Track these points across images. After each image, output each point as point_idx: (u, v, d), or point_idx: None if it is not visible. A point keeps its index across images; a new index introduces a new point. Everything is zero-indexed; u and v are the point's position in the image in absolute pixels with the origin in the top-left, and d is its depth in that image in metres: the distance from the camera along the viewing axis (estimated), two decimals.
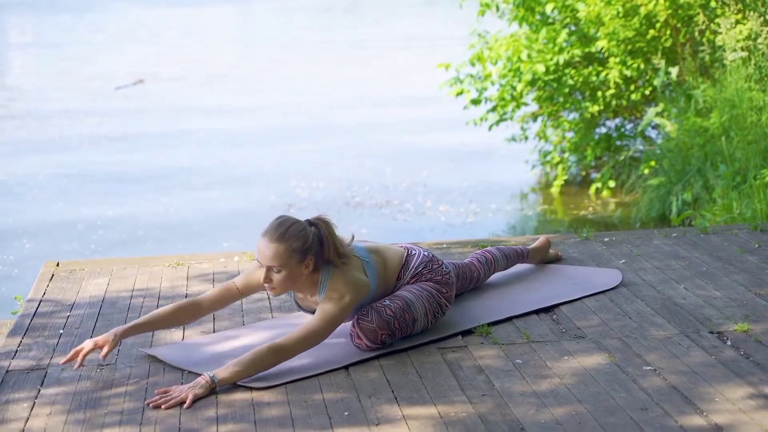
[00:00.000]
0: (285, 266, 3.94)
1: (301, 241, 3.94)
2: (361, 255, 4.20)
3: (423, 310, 4.19)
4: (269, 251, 3.93)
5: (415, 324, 4.17)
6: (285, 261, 3.93)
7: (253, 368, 3.81)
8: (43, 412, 3.61)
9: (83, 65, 21.43)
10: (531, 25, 10.97)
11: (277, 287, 3.99)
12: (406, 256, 4.34)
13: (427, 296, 4.24)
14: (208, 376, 3.73)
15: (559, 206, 10.52)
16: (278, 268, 3.94)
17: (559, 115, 11.26)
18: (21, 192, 11.20)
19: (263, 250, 3.94)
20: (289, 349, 3.88)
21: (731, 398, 3.60)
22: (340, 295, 3.99)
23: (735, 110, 8.62)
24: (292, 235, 3.93)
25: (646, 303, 4.63)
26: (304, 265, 3.97)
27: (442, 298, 4.29)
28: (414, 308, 4.16)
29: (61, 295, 4.95)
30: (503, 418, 3.49)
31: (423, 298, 4.21)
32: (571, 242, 5.70)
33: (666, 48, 10.32)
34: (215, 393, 3.72)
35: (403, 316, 4.11)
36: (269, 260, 3.94)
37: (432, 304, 4.24)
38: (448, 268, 4.39)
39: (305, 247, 3.95)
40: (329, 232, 4.04)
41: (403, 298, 4.17)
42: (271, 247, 3.93)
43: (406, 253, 4.36)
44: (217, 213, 10.30)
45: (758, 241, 5.60)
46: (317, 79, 19.32)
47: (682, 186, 9.01)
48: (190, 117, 15.74)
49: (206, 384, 3.71)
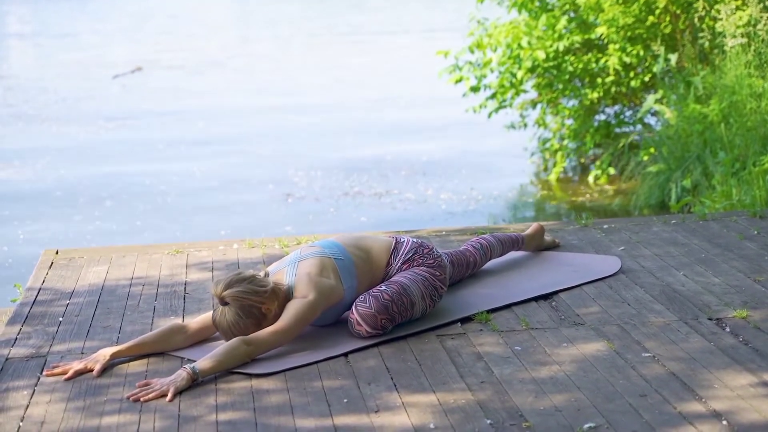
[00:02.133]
0: (254, 327, 3.96)
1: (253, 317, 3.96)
2: (334, 254, 4.22)
3: (419, 294, 4.20)
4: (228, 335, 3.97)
5: (414, 307, 4.18)
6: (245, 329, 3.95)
7: (230, 360, 3.81)
8: (42, 400, 3.61)
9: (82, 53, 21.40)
10: (530, 12, 10.95)
11: None
12: (394, 243, 4.39)
13: (422, 280, 4.26)
14: (189, 368, 3.71)
15: (558, 193, 10.52)
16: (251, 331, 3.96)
17: (558, 102, 11.24)
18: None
19: None
20: (258, 344, 3.89)
21: (730, 385, 3.60)
22: (303, 294, 4.05)
23: (734, 97, 8.61)
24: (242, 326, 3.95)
25: (645, 290, 4.63)
26: (264, 314, 4.00)
27: (436, 281, 4.31)
28: (410, 292, 4.17)
29: (61, 283, 4.95)
30: (502, 405, 3.49)
31: (418, 282, 4.24)
32: (570, 229, 5.70)
33: (665, 35, 10.30)
34: (197, 383, 3.69)
35: (400, 300, 4.12)
36: None
37: (428, 288, 4.26)
38: (438, 252, 4.43)
39: (259, 320, 3.97)
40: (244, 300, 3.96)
41: (398, 283, 4.19)
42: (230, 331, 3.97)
43: (394, 241, 4.41)
44: (215, 201, 10.29)
45: (757, 228, 5.60)
46: (315, 68, 19.30)
47: (682, 173, 9.01)
48: (188, 105, 15.73)
49: (188, 376, 3.69)
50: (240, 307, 3.95)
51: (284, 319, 3.98)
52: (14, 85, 17.78)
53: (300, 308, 4.01)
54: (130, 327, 4.32)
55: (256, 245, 5.52)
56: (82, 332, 4.28)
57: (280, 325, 3.96)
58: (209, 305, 4.59)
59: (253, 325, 3.97)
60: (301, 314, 4.00)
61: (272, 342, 3.94)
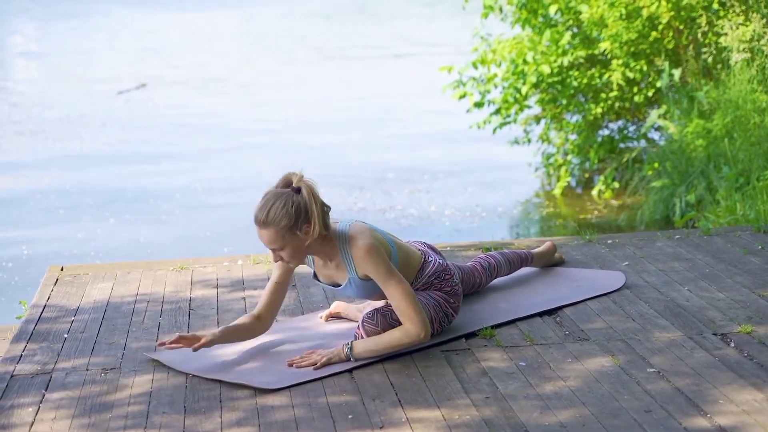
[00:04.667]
0: (284, 244, 3.98)
1: (287, 219, 3.94)
2: (388, 240, 4.19)
3: (429, 318, 4.18)
4: (263, 238, 3.99)
5: None
6: (281, 241, 3.97)
7: (388, 349, 4.00)
8: (47, 417, 3.62)
9: (86, 70, 21.45)
10: (534, 28, 10.97)
11: (291, 261, 4.06)
12: (422, 262, 4.30)
13: (434, 305, 4.23)
14: (347, 348, 3.96)
15: (563, 209, 10.52)
16: (280, 247, 3.99)
17: (562, 117, 11.25)
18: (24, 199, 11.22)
19: (259, 236, 4.00)
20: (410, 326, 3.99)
21: (735, 400, 3.60)
22: (359, 238, 4.03)
23: (738, 112, 8.62)
24: (275, 216, 3.94)
25: (649, 305, 4.63)
26: (303, 232, 3.98)
27: (449, 308, 4.28)
28: None
29: (66, 299, 4.96)
30: (507, 421, 3.49)
31: (430, 306, 4.20)
32: (574, 244, 5.70)
33: (669, 50, 10.32)
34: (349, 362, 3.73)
35: None
36: (268, 244, 4.00)
37: (438, 313, 4.23)
38: (457, 280, 4.37)
39: (292, 223, 3.95)
40: (312, 194, 4.01)
41: None
42: (262, 233, 3.98)
43: (423, 259, 4.31)
44: (219, 217, 10.29)
45: (761, 243, 5.60)
46: (318, 84, 19.32)
47: (686, 188, 9.01)
48: (191, 120, 15.74)
49: (340, 354, 3.97)
50: (301, 201, 3.96)
51: (381, 278, 4.00)
52: (19, 102, 17.81)
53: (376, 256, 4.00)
54: (135, 344, 4.33)
55: (260, 261, 5.53)
56: (87, 349, 4.28)
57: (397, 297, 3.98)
58: (214, 321, 4.60)
59: (286, 232, 3.94)
60: (381, 256, 4.00)
61: (417, 314, 3.98)
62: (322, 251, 4.11)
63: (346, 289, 4.18)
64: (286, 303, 4.80)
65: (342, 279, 4.16)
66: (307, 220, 3.97)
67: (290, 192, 4.01)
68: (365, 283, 4.11)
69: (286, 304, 4.79)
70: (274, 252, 4.02)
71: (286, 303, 4.80)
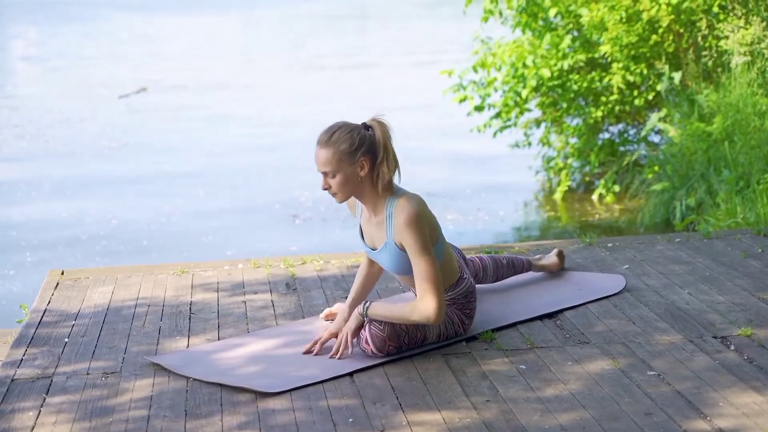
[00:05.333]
0: (337, 169, 4.03)
1: (348, 143, 4.01)
2: (440, 232, 4.17)
3: (437, 333, 4.18)
4: (321, 157, 4.04)
5: (424, 342, 4.16)
6: (336, 165, 4.02)
7: (399, 320, 4.02)
8: (48, 421, 3.62)
9: (86, 74, 21.46)
10: (534, 31, 10.98)
11: (338, 192, 4.08)
12: (458, 278, 4.26)
13: (447, 323, 4.21)
14: (360, 309, 4.03)
15: (563, 212, 10.52)
16: (332, 172, 4.04)
17: (563, 120, 11.26)
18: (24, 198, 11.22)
19: (316, 157, 4.06)
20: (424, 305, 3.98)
21: (735, 403, 3.60)
22: (406, 201, 4.02)
23: (738, 115, 8.63)
24: (338, 139, 4.02)
25: (649, 308, 4.63)
26: (358, 166, 4.03)
27: (460, 328, 4.27)
28: (428, 328, 4.14)
29: (66, 303, 4.96)
30: (507, 424, 3.49)
31: (442, 324, 4.19)
32: (574, 248, 5.70)
33: (669, 53, 10.33)
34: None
35: (415, 333, 4.11)
36: (321, 166, 4.05)
37: (448, 329, 4.22)
38: (476, 304, 4.34)
39: (353, 148, 4.01)
40: (383, 134, 4.07)
41: None
42: (320, 153, 4.05)
43: (459, 275, 4.27)
44: (221, 222, 10.29)
45: (762, 246, 5.60)
46: (319, 87, 19.33)
47: (686, 191, 9.01)
48: (192, 124, 15.75)
49: (359, 316, 4.06)
50: (368, 136, 4.03)
51: (414, 250, 3.99)
52: (19, 106, 17.82)
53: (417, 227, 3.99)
54: (135, 347, 4.33)
55: (261, 265, 5.53)
56: (88, 353, 4.28)
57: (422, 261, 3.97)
58: (215, 325, 4.60)
59: (343, 156, 4.00)
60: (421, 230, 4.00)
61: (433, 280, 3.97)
62: (371, 201, 4.13)
63: (382, 254, 4.17)
64: (286, 307, 4.81)
65: (380, 241, 4.16)
66: (367, 154, 4.03)
67: (361, 126, 4.08)
68: (400, 254, 4.10)
69: (286, 307, 4.80)
70: (324, 177, 4.06)
71: (287, 307, 4.81)
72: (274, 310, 4.78)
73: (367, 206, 4.15)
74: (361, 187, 4.08)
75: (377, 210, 4.12)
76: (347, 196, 4.10)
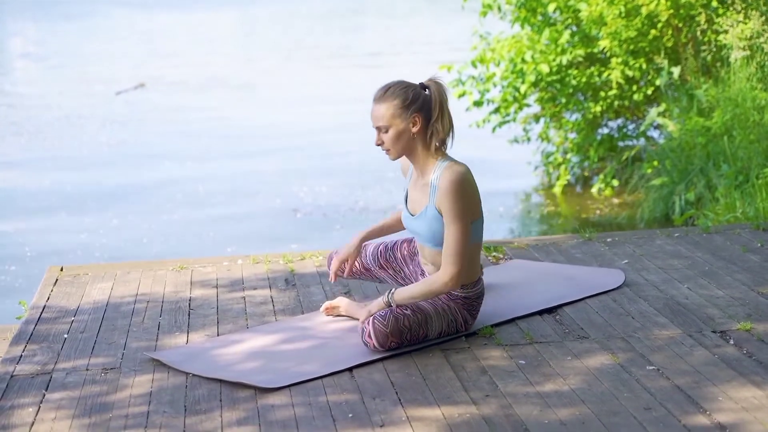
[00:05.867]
0: (390, 124, 4.11)
1: (402, 98, 4.10)
2: (481, 215, 4.21)
3: (438, 329, 4.18)
4: (375, 112, 4.14)
5: (426, 338, 4.16)
6: (389, 119, 4.11)
7: (424, 294, 4.11)
8: (48, 417, 3.62)
9: (84, 71, 21.45)
10: (533, 26, 10.98)
11: (390, 148, 4.16)
12: (477, 278, 4.28)
13: (450, 321, 4.21)
14: (388, 296, 4.10)
15: (563, 207, 10.52)
16: (385, 127, 4.12)
17: (562, 116, 11.26)
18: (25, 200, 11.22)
19: (372, 112, 4.15)
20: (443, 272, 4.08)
21: (735, 397, 3.60)
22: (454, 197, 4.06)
23: (737, 109, 8.62)
24: (392, 94, 4.11)
25: (649, 303, 4.64)
26: (410, 122, 4.11)
27: (463, 326, 4.26)
28: (431, 325, 4.14)
29: (65, 299, 4.96)
30: (507, 419, 3.49)
31: (445, 321, 4.19)
32: (573, 243, 5.70)
33: (668, 48, 10.32)
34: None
35: (417, 331, 4.10)
36: (375, 120, 4.14)
37: (450, 327, 4.22)
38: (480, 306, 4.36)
39: (406, 103, 4.10)
40: (439, 93, 4.14)
41: (425, 312, 4.13)
42: (375, 108, 4.14)
43: (479, 276, 4.29)
44: (220, 219, 10.29)
45: (761, 240, 5.60)
46: (317, 84, 19.32)
47: (685, 186, 9.01)
48: (190, 121, 15.74)
49: (380, 304, 4.14)
50: (422, 95, 4.12)
51: (450, 214, 4.06)
52: (17, 103, 17.81)
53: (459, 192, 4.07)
54: (135, 343, 4.33)
55: (260, 261, 5.53)
56: (87, 349, 4.28)
57: (456, 227, 4.05)
58: (214, 320, 4.60)
59: (397, 110, 4.09)
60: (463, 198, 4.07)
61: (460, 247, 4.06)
62: (421, 161, 4.20)
63: (419, 220, 4.22)
64: (285, 302, 4.81)
65: (421, 206, 4.22)
66: (419, 111, 4.11)
67: (417, 85, 4.17)
68: (437, 221, 4.15)
69: (285, 303, 4.80)
70: (378, 132, 4.15)
71: (286, 302, 4.81)
72: (273, 306, 4.78)
73: (416, 166, 4.23)
74: (413, 144, 4.17)
75: (425, 171, 4.20)
76: (399, 152, 4.18)
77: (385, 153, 4.20)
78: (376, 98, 4.14)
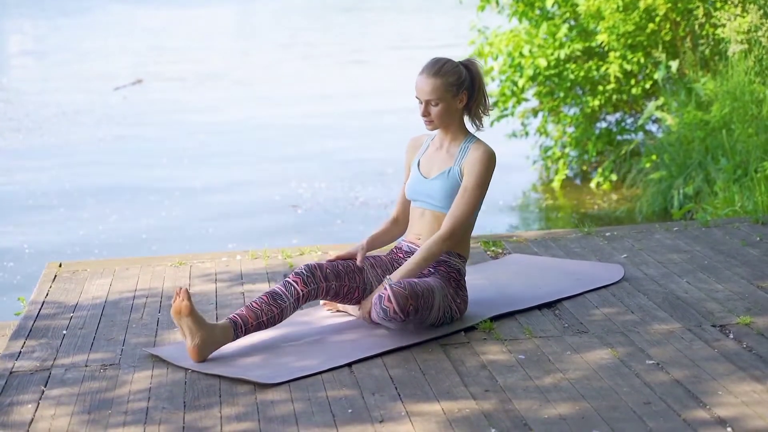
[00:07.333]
0: (442, 99, 4.30)
1: (456, 76, 4.30)
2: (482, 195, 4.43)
3: (438, 304, 4.19)
4: (428, 86, 4.30)
5: (431, 312, 4.16)
6: (442, 94, 4.29)
7: (424, 258, 4.25)
8: (47, 414, 3.62)
9: (82, 66, 21.43)
10: (531, 20, 10.97)
11: (435, 119, 4.34)
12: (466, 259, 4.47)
13: (448, 295, 4.26)
14: (387, 283, 4.08)
15: (562, 201, 10.52)
16: (436, 101, 4.30)
17: (560, 110, 11.26)
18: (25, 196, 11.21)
19: (422, 85, 4.31)
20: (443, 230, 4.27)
21: (734, 391, 3.60)
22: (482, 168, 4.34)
23: (736, 103, 8.62)
24: (447, 71, 4.30)
25: (648, 297, 4.64)
26: (459, 99, 4.33)
27: (454, 304, 4.29)
28: (435, 295, 4.16)
29: (64, 296, 4.96)
30: (506, 414, 3.49)
31: (444, 295, 4.23)
32: (572, 237, 5.70)
33: (666, 42, 10.32)
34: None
35: (427, 298, 4.12)
36: (428, 94, 4.30)
37: (446, 303, 4.24)
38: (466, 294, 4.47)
39: (459, 81, 4.31)
40: (479, 74, 4.38)
41: (429, 284, 4.18)
42: (429, 81, 4.29)
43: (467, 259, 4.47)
44: (220, 214, 10.28)
45: (760, 234, 5.60)
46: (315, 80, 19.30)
47: (684, 180, 9.01)
48: (189, 117, 15.73)
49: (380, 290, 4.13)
50: (468, 73, 4.33)
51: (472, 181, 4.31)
52: (14, 99, 17.79)
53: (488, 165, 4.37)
54: (134, 339, 4.33)
55: (259, 256, 5.53)
56: (86, 345, 4.28)
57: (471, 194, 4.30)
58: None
59: (449, 87, 4.28)
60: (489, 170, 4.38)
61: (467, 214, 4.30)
62: (454, 133, 4.41)
63: (435, 181, 4.38)
64: None
65: (441, 168, 4.40)
66: (467, 89, 4.34)
67: (461, 63, 4.37)
68: (455, 183, 4.34)
69: None
70: (427, 105, 4.31)
71: None
72: None
73: (447, 137, 4.43)
74: (454, 118, 4.37)
75: (456, 140, 4.42)
76: (442, 125, 4.37)
77: (425, 123, 4.37)
78: (429, 73, 4.29)
